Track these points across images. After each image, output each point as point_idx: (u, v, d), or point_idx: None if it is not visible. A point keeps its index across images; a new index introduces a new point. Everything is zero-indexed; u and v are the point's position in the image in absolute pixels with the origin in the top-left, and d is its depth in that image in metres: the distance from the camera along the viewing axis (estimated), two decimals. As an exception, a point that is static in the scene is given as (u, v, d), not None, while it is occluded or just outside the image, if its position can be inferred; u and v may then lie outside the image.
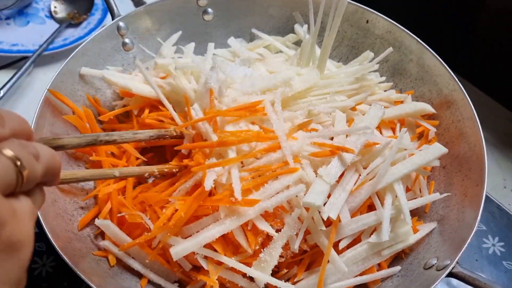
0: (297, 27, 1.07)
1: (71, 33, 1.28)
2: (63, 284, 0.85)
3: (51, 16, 1.33)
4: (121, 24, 0.96)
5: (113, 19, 0.96)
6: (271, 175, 0.75)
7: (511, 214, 1.03)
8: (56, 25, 1.29)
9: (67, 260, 0.66)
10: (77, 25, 1.30)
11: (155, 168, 0.77)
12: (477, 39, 1.30)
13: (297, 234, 0.74)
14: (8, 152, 0.34)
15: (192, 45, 1.02)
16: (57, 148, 0.55)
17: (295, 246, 0.74)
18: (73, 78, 0.89)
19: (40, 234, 0.88)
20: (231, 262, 0.73)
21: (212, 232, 0.71)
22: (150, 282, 0.76)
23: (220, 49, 1.03)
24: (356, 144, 0.77)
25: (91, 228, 0.81)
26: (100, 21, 1.32)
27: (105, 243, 0.78)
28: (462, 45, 1.32)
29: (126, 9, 0.97)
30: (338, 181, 0.76)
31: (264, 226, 0.73)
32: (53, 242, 0.67)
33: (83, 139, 0.60)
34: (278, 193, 0.73)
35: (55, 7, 1.33)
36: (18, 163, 0.35)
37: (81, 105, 0.90)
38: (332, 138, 0.81)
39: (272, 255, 0.73)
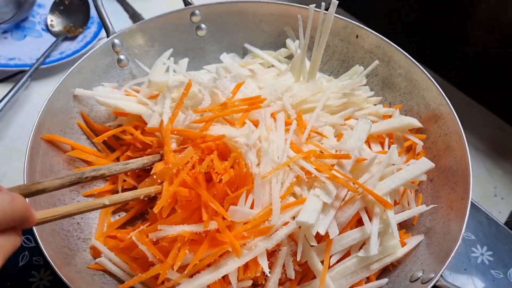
0: (288, 41, 1.09)
1: (67, 46, 1.30)
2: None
3: (47, 29, 1.35)
4: (116, 41, 0.98)
5: (108, 36, 0.98)
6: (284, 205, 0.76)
7: (499, 223, 1.05)
8: (53, 39, 1.31)
9: (62, 277, 0.68)
10: (73, 38, 1.33)
11: (152, 189, 0.74)
12: (468, 48, 1.32)
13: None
14: None
15: (185, 60, 1.04)
16: (37, 192, 0.54)
17: (291, 272, 0.76)
18: (69, 95, 0.91)
19: (37, 248, 0.90)
20: None
21: (215, 274, 0.73)
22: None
23: (212, 65, 1.06)
24: (347, 161, 0.80)
25: (86, 243, 0.83)
26: (96, 34, 1.34)
27: (101, 260, 0.80)
28: (453, 54, 1.34)
29: (121, 22, 0.99)
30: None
31: (264, 263, 0.74)
32: (48, 258, 0.69)
33: (66, 179, 0.58)
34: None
35: (51, 20, 1.35)
36: None
37: (77, 121, 0.92)
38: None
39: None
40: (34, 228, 0.71)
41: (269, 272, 0.74)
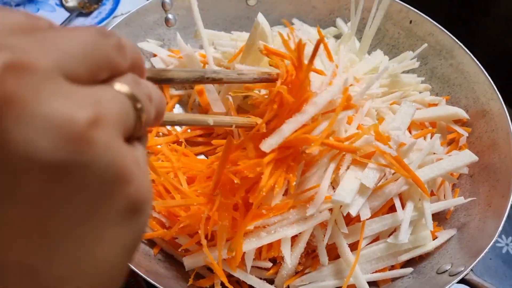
0: (338, 21, 1.07)
1: (81, 22, 1.27)
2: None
3: (61, 4, 1.32)
4: (166, -1, 0.98)
5: (160, -8, 0.98)
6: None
7: None
8: (67, 14, 1.28)
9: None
10: (87, 14, 1.29)
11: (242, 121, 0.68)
12: (485, 43, 1.28)
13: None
14: (126, 89, 0.27)
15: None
16: (164, 81, 0.49)
17: (325, 259, 0.74)
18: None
19: None
20: (243, 276, 0.73)
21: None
22: (162, 250, 0.78)
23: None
24: (391, 144, 0.77)
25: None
26: (112, 11, 1.30)
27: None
28: (469, 48, 1.30)
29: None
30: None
31: (286, 252, 0.72)
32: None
33: (191, 74, 0.54)
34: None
35: (65, -5, 1.33)
36: (139, 105, 0.28)
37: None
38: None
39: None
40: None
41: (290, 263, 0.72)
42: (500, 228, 0.71)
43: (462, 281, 0.68)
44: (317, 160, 0.74)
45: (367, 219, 0.74)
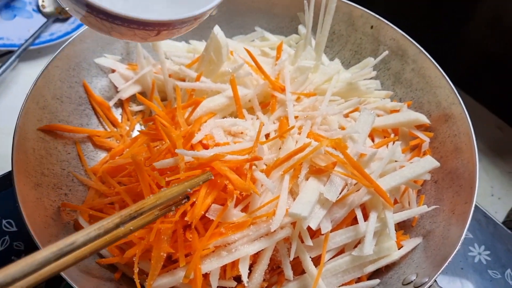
0: (301, 28, 1.05)
1: (58, 28, 1.27)
2: (41, 285, 0.84)
3: (38, 10, 1.31)
4: (122, 13, 0.95)
5: (115, 7, 0.95)
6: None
7: (497, 223, 1.02)
8: (43, 20, 1.28)
9: (38, 243, 0.65)
10: (64, 20, 1.29)
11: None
12: (468, 46, 1.29)
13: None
14: None
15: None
16: None
17: (289, 273, 0.72)
18: (69, 64, 0.89)
19: (18, 233, 0.88)
20: None
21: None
22: (124, 275, 0.76)
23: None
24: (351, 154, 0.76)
25: (71, 215, 0.81)
26: None
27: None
28: (452, 51, 1.30)
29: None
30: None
31: (244, 271, 0.70)
32: (28, 225, 0.66)
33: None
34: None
35: (43, 1, 1.31)
36: None
37: (74, 91, 0.89)
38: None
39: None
40: (16, 192, 0.69)
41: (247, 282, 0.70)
42: (463, 237, 0.71)
43: (426, 291, 0.67)
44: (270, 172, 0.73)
45: (330, 232, 0.73)
